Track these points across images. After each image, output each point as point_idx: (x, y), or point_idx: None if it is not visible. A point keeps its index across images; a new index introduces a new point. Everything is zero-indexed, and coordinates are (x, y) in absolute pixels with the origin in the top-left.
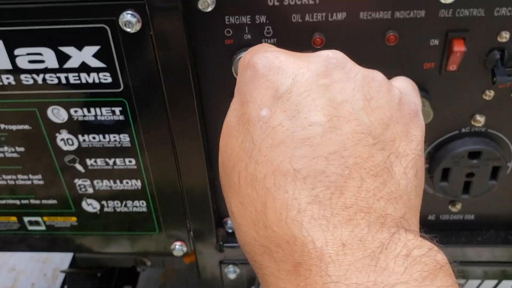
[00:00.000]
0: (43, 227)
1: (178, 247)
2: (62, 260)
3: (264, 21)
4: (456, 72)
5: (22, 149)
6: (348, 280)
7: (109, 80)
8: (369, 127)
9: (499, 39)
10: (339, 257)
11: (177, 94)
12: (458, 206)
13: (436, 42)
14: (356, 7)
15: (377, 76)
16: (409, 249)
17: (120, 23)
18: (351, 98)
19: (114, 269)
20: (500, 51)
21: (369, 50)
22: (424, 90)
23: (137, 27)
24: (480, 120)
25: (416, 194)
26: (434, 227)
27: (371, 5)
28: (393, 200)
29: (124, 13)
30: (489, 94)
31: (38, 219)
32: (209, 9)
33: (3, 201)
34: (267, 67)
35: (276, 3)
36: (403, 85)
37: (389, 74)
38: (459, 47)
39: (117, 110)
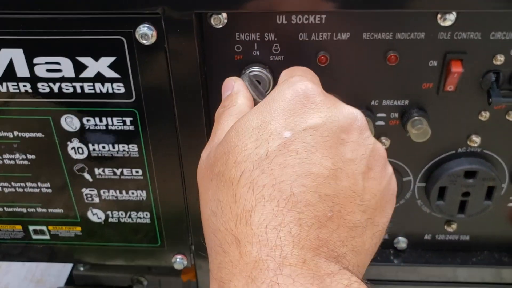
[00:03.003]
0: (47, 236)
1: (179, 260)
2: (57, 280)
3: (273, 39)
4: (453, 93)
5: (33, 156)
6: (295, 281)
7: (122, 90)
8: (362, 190)
9: (494, 62)
10: (296, 267)
11: (187, 107)
12: (454, 226)
13: (435, 63)
14: (359, 28)
15: (382, 151)
16: (351, 282)
17: (136, 35)
18: (357, 161)
19: None
20: (496, 74)
21: (370, 69)
22: (422, 109)
23: (153, 39)
24: (476, 140)
25: (369, 259)
26: (430, 247)
27: (374, 26)
28: (354, 252)
29: (141, 25)
30: (485, 115)
31: (43, 228)
32: (221, 25)
33: (10, 209)
34: (308, 95)
35: (285, 22)
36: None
37: (389, 93)
38: (456, 68)
39: (128, 120)
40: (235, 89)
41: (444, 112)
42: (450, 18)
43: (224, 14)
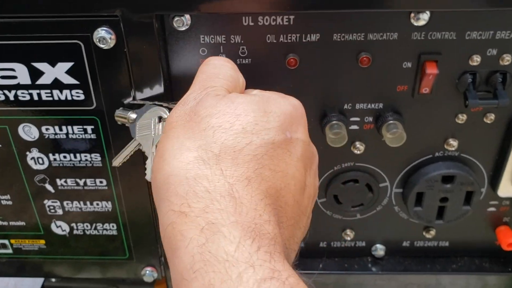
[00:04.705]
0: (10, 251)
1: (149, 273)
2: None
3: (239, 41)
4: (429, 95)
5: None
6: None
7: (82, 97)
8: (306, 180)
9: (470, 63)
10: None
11: None
12: (433, 232)
13: (409, 64)
14: (329, 28)
15: (316, 156)
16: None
17: (94, 39)
18: (315, 185)
19: None
20: (472, 75)
21: (342, 72)
22: (397, 113)
23: (112, 43)
24: (453, 144)
25: (300, 240)
26: (408, 254)
27: (344, 26)
28: (294, 232)
29: (99, 29)
30: (462, 118)
31: (5, 241)
32: (184, 28)
33: None
34: (303, 112)
35: (251, 23)
36: None
37: (363, 96)
38: (431, 70)
39: (89, 128)
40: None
41: (420, 115)
42: (424, 18)
43: (187, 16)
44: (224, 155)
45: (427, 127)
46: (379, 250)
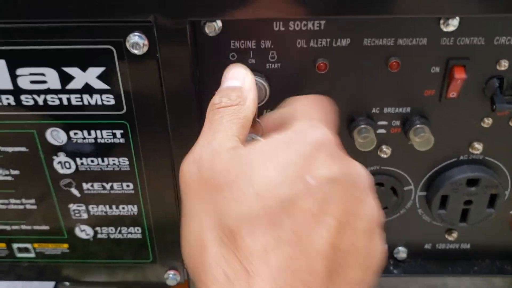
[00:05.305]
0: (32, 255)
1: (172, 276)
2: None
3: (269, 46)
4: (455, 100)
5: (17, 172)
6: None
7: (112, 102)
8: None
9: (498, 67)
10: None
11: (180, 118)
12: (455, 234)
13: (437, 69)
14: (360, 33)
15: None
16: None
17: (127, 45)
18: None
19: None
20: (499, 79)
21: (372, 76)
22: (424, 117)
23: (144, 49)
24: (478, 147)
25: None
26: (430, 256)
27: (375, 32)
28: None
29: (132, 34)
30: (488, 122)
31: (28, 245)
32: (215, 33)
33: None
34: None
35: (282, 28)
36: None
37: (391, 101)
38: (459, 75)
39: (118, 132)
40: (248, 84)
41: (446, 119)
42: (453, 24)
43: (219, 22)
44: (237, 222)
45: (452, 131)
46: (401, 252)
